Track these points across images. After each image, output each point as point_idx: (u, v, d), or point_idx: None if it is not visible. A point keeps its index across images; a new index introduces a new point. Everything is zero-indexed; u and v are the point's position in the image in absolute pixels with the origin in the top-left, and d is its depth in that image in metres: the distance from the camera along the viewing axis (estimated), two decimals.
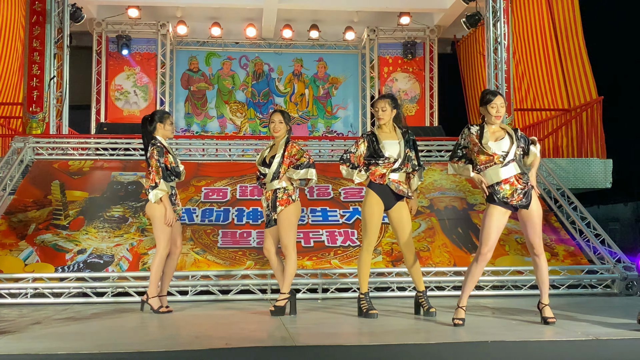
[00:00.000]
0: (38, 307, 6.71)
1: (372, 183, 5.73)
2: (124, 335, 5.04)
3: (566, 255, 8.17)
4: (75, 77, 12.72)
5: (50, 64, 10.71)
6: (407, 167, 5.75)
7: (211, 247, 7.98)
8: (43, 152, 9.84)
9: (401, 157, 5.69)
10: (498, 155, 5.20)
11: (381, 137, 5.75)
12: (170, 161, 6.22)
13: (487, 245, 5.20)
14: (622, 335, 4.65)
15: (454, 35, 16.11)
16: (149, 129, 6.30)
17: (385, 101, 5.79)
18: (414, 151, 5.83)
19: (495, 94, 5.34)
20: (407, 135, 5.79)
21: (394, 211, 5.74)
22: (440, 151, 10.44)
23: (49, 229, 8.12)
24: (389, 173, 5.69)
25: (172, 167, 6.23)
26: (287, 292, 5.94)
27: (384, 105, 5.77)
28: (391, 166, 5.68)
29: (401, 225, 5.75)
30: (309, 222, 8.53)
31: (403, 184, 5.74)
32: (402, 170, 5.73)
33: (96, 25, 14.58)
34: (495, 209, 5.23)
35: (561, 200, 9.04)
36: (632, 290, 7.45)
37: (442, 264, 7.82)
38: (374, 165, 5.72)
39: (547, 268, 5.41)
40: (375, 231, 5.74)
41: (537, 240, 5.30)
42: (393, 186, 5.68)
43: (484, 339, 4.58)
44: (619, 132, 13.70)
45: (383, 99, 5.83)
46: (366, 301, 5.76)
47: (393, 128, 5.81)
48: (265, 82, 15.49)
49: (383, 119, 5.76)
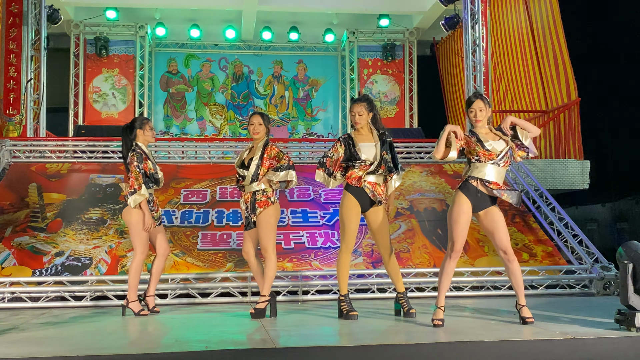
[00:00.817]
0: (15, 311, 6.63)
1: (348, 185, 5.72)
2: (102, 339, 5.00)
3: (544, 255, 8.24)
4: (53, 79, 12.63)
5: (27, 66, 10.62)
6: (383, 169, 5.72)
7: (191, 249, 7.94)
8: (20, 155, 9.74)
9: (377, 159, 5.66)
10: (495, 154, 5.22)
11: (357, 139, 5.73)
12: (149, 167, 6.20)
13: (460, 242, 5.21)
14: (599, 334, 4.70)
15: (433, 38, 16.18)
16: (130, 137, 6.29)
17: (361, 105, 5.75)
18: (391, 153, 5.80)
19: (472, 100, 5.33)
20: (384, 136, 5.78)
21: (371, 213, 5.73)
22: (420, 153, 10.49)
23: (27, 232, 8.04)
24: (365, 176, 5.68)
25: (151, 174, 6.21)
26: (267, 294, 5.91)
27: (360, 110, 5.73)
28: (367, 169, 5.67)
29: (378, 228, 5.74)
30: (290, 224, 8.52)
31: (380, 186, 5.72)
32: (379, 173, 5.71)
33: (74, 27, 14.47)
34: (466, 203, 5.23)
35: (539, 201, 9.11)
36: (610, 290, 7.53)
37: (422, 265, 7.84)
38: (351, 167, 5.71)
39: (521, 271, 5.40)
40: (353, 233, 5.73)
41: (508, 247, 5.32)
42: (368, 190, 5.67)
43: (463, 339, 4.60)
44: (597, 133, 13.84)
45: (359, 102, 5.78)
46: (346, 303, 5.75)
47: (370, 130, 5.80)
48: (245, 84, 15.47)
49: (360, 123, 5.74)
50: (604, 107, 14.07)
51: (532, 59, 12.44)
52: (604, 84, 14.47)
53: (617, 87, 14.60)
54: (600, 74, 14.50)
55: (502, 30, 13.50)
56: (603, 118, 14.42)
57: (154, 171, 6.23)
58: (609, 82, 14.62)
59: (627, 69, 14.42)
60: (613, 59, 14.84)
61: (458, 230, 5.22)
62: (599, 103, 13.26)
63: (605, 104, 14.11)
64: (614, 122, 14.87)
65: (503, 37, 13.48)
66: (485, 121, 5.37)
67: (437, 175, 9.84)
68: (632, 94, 14.26)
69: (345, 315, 5.67)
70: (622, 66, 14.65)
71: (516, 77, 13.19)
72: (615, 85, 14.66)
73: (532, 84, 12.56)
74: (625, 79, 14.48)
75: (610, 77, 14.70)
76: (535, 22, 12.20)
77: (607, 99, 14.20)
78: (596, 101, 12.50)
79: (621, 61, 14.70)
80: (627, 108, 14.47)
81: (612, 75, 14.73)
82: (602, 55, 14.66)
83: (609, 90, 14.47)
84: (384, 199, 5.73)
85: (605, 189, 15.10)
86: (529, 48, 12.53)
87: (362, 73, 15.45)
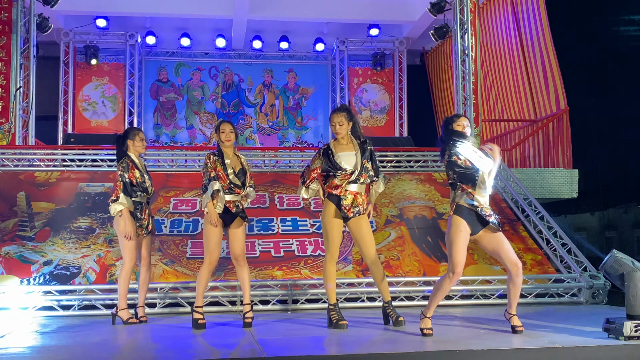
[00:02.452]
0: (2, 320, 6.58)
1: (330, 194, 5.73)
2: (90, 349, 4.97)
3: (533, 264, 8.26)
4: (42, 87, 12.58)
5: (17, 74, 10.57)
6: (364, 178, 5.71)
7: (180, 257, 7.92)
8: (9, 163, 9.68)
9: (358, 168, 5.66)
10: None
11: (337, 149, 5.73)
12: (136, 177, 6.21)
13: (460, 265, 5.13)
14: (588, 343, 4.71)
15: (423, 47, 16.27)
16: (122, 148, 6.38)
17: (341, 115, 5.75)
18: (371, 162, 5.79)
19: (459, 116, 5.37)
20: (364, 145, 5.78)
21: (353, 223, 5.70)
22: (409, 161, 10.51)
23: (15, 241, 7.99)
24: (345, 185, 5.67)
25: (138, 182, 6.22)
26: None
27: (341, 120, 5.73)
28: (348, 178, 5.67)
29: (361, 236, 5.71)
30: (279, 232, 8.51)
31: (361, 196, 5.71)
32: (361, 182, 5.70)
33: (63, 36, 14.45)
34: (463, 224, 5.15)
35: (528, 210, 9.14)
36: (598, 299, 7.55)
37: (412, 273, 7.85)
38: (331, 177, 5.71)
39: (521, 284, 5.40)
40: (337, 241, 5.72)
41: (517, 259, 5.29)
42: (347, 201, 5.64)
43: (452, 348, 4.60)
44: (586, 142, 13.91)
45: (339, 112, 5.78)
46: (336, 312, 5.75)
47: (350, 139, 5.80)
48: (235, 92, 15.48)
49: (340, 132, 5.74)
50: (592, 116, 14.15)
51: (520, 68, 12.53)
52: (592, 93, 14.56)
53: (605, 96, 14.70)
54: (589, 82, 14.59)
55: (492, 40, 13.59)
56: (591, 127, 14.50)
57: (141, 180, 6.24)
58: (597, 90, 14.71)
59: (616, 78, 14.53)
60: (601, 68, 14.94)
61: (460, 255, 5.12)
62: (588, 112, 13.33)
63: (594, 113, 14.19)
64: (602, 131, 14.96)
65: (493, 46, 13.56)
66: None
67: (426, 183, 9.86)
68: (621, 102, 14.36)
69: (335, 325, 5.66)
70: (610, 75, 14.76)
71: (505, 86, 13.27)
72: (603, 94, 14.75)
73: (521, 93, 12.64)
74: (614, 88, 14.59)
75: (598, 85, 14.80)
76: (523, 31, 12.28)
77: (595, 107, 14.28)
78: (584, 110, 12.57)
79: (609, 70, 14.81)
80: (616, 117, 14.57)
81: (601, 83, 14.83)
82: (590, 63, 14.76)
83: (597, 99, 14.56)
84: (364, 209, 5.72)
85: (594, 198, 15.17)
86: (517, 57, 12.61)
87: (352, 82, 15.50)
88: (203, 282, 5.91)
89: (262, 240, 8.31)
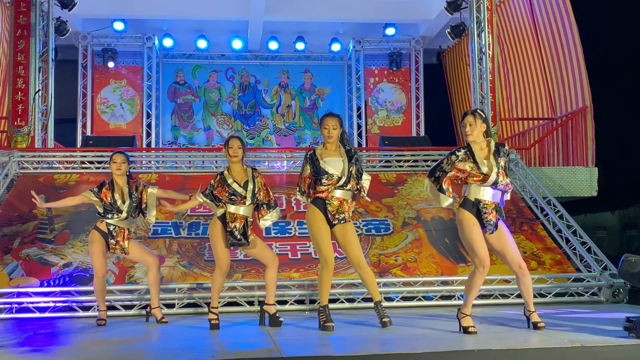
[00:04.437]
0: (23, 321, 6.64)
1: (315, 199, 5.72)
2: (109, 350, 5.00)
3: (553, 263, 8.19)
4: (61, 90, 12.70)
5: (35, 77, 10.66)
6: (351, 184, 5.68)
7: (198, 260, 7.95)
8: (28, 166, 9.78)
9: (345, 174, 5.65)
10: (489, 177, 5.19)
11: (323, 155, 5.73)
12: (108, 198, 6.37)
13: (487, 258, 5.19)
14: (608, 342, 4.66)
15: (440, 46, 16.20)
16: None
17: (335, 119, 5.75)
18: (356, 168, 5.75)
19: (465, 115, 5.36)
20: (351, 152, 5.76)
21: (338, 229, 5.70)
22: (426, 161, 10.47)
23: (35, 243, 8.06)
24: (332, 190, 5.65)
25: (110, 203, 6.37)
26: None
27: (335, 124, 5.73)
28: (335, 183, 5.64)
29: (347, 242, 5.70)
30: (296, 235, 8.52)
31: (347, 203, 5.68)
32: (347, 188, 5.68)
33: (82, 39, 14.57)
34: (471, 218, 5.21)
35: (547, 209, 9.07)
36: (618, 298, 7.48)
37: (430, 275, 7.81)
38: (318, 183, 5.69)
39: (531, 282, 5.39)
40: (327, 244, 5.67)
41: (522, 261, 5.30)
42: (332, 207, 5.62)
43: (471, 347, 4.58)
44: (606, 140, 13.77)
45: (332, 117, 5.77)
46: (325, 314, 5.70)
47: (337, 146, 5.80)
48: (252, 94, 15.52)
49: (332, 137, 5.73)
50: (612, 113, 14.01)
51: (539, 65, 12.42)
52: (613, 90, 14.41)
53: (626, 94, 14.54)
54: (610, 80, 14.44)
55: (511, 37, 13.49)
56: (611, 125, 14.35)
57: (112, 201, 6.36)
58: (618, 88, 14.56)
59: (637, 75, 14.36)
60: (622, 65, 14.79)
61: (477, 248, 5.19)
62: (608, 110, 13.19)
63: (614, 111, 14.04)
64: (622, 128, 14.79)
65: (512, 44, 13.46)
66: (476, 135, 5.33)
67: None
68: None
69: (322, 327, 5.63)
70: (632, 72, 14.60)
71: (524, 83, 13.17)
72: (624, 91, 14.60)
73: (540, 90, 12.54)
74: (635, 85, 14.42)
75: (619, 83, 14.64)
76: (543, 28, 12.16)
77: (616, 105, 14.13)
78: (604, 108, 12.43)
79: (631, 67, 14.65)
80: (637, 114, 14.41)
81: (622, 81, 14.67)
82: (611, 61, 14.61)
83: (618, 97, 14.41)
84: (349, 217, 5.69)
85: (615, 197, 15.00)
86: (536, 55, 12.51)
87: (368, 82, 15.48)
88: (216, 285, 5.98)
89: (280, 243, 8.33)
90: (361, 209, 9.02)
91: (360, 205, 9.07)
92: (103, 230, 6.37)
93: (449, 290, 7.46)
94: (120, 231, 6.33)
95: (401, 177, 9.99)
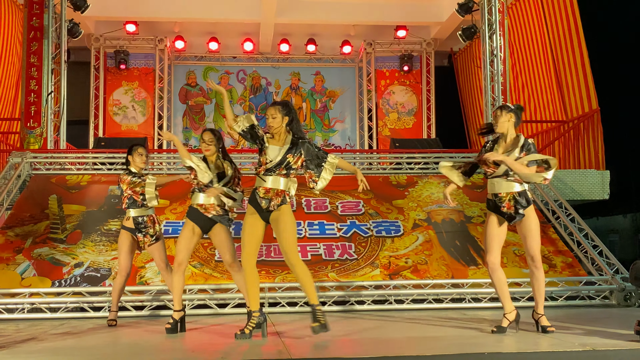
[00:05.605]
0: (34, 322, 6.68)
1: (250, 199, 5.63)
2: (119, 350, 5.02)
3: (564, 266, 8.15)
4: (73, 92, 12.76)
5: (48, 79, 10.72)
6: (280, 171, 5.50)
7: (208, 260, 7.96)
8: (40, 167, 9.84)
9: (276, 161, 5.50)
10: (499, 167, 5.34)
11: (269, 142, 5.62)
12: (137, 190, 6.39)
13: (489, 253, 5.48)
14: (619, 346, 4.64)
15: (451, 48, 16.17)
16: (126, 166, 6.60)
17: (275, 108, 5.60)
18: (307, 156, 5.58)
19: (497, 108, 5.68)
20: (298, 141, 5.59)
21: (272, 216, 5.53)
22: (437, 163, 10.42)
23: (46, 243, 8.10)
24: (263, 174, 5.53)
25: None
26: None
27: (274, 113, 5.58)
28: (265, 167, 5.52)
29: (277, 230, 5.52)
30: (307, 236, 8.51)
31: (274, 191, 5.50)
32: (276, 174, 5.51)
33: (94, 41, 14.66)
34: (491, 215, 5.52)
35: (559, 212, 9.03)
36: (630, 302, 7.43)
37: (440, 277, 7.80)
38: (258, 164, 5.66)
39: (544, 280, 5.45)
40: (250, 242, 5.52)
41: (537, 254, 5.39)
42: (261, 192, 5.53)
43: (481, 350, 4.56)
44: (618, 143, 13.70)
45: (273, 106, 5.66)
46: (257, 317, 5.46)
47: (285, 135, 5.63)
48: (263, 95, 15.55)
49: (273, 126, 5.60)
50: (625, 116, 13.94)
51: (552, 68, 12.37)
52: (625, 93, 14.34)
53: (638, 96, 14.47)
54: (622, 82, 14.38)
55: (522, 40, 13.44)
56: (624, 127, 14.28)
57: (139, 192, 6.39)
58: (630, 90, 14.49)
59: None
60: (635, 67, 14.72)
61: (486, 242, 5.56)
62: (620, 112, 13.14)
63: (627, 113, 13.98)
64: (635, 131, 14.72)
65: (524, 47, 13.41)
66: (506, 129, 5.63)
67: None
68: None
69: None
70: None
71: (536, 86, 13.12)
72: (636, 93, 14.53)
73: (552, 93, 12.48)
74: None
75: (632, 85, 14.57)
76: (555, 30, 12.11)
77: (628, 108, 14.06)
78: (617, 110, 12.38)
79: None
80: None
81: (634, 84, 14.60)
82: (623, 63, 14.54)
83: (630, 99, 14.34)
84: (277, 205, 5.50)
85: (627, 200, 14.94)
86: (548, 57, 12.46)
87: (379, 84, 15.47)
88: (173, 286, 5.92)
89: None
90: (372, 210, 9.02)
91: (371, 207, 9.07)
92: (130, 227, 6.36)
93: (459, 293, 7.44)
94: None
95: (412, 179, 9.98)
